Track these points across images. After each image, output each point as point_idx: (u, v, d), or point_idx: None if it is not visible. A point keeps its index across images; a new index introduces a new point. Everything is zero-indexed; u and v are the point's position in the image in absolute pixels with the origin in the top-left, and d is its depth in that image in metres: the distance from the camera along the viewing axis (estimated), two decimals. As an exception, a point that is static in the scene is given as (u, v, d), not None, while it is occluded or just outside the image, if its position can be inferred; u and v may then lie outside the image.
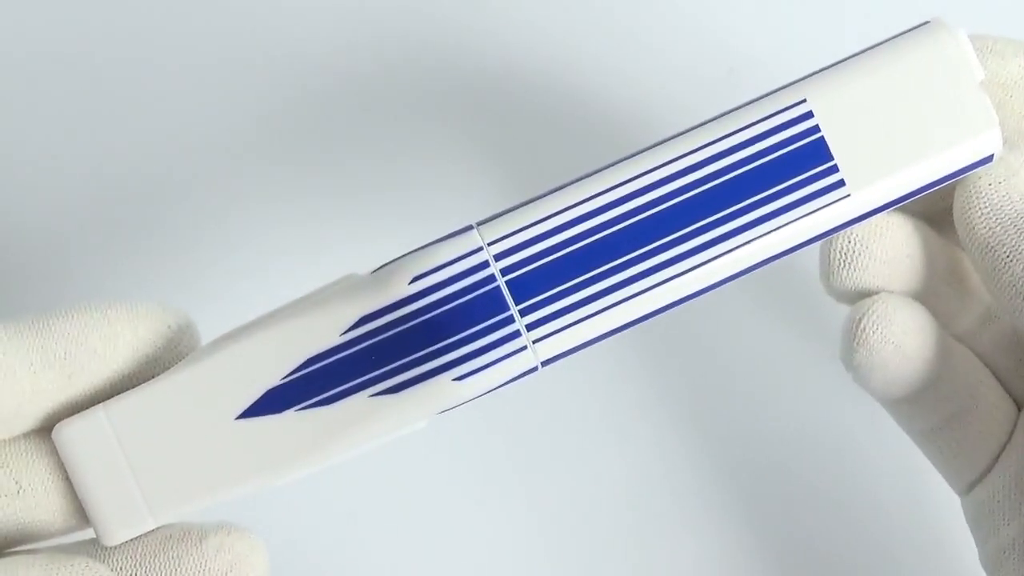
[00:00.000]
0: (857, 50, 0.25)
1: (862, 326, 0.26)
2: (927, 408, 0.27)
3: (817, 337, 0.35)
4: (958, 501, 0.29)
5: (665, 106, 0.37)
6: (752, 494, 0.35)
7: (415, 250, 0.25)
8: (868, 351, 0.26)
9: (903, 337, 0.26)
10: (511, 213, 0.25)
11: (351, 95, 0.37)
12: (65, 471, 0.25)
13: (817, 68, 0.25)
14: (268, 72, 0.38)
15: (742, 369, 0.36)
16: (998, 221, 0.25)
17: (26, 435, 0.25)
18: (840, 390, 0.34)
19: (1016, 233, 0.25)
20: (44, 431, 0.25)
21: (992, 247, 0.25)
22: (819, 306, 0.29)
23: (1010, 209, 0.25)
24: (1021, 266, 0.24)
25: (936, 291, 0.27)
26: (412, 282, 0.24)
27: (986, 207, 0.25)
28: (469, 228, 0.25)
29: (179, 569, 0.24)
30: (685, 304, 0.25)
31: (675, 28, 0.37)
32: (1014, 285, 0.25)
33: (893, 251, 0.26)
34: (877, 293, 0.26)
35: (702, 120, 0.25)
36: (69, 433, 0.25)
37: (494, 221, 0.25)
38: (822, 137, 0.25)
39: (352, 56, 0.38)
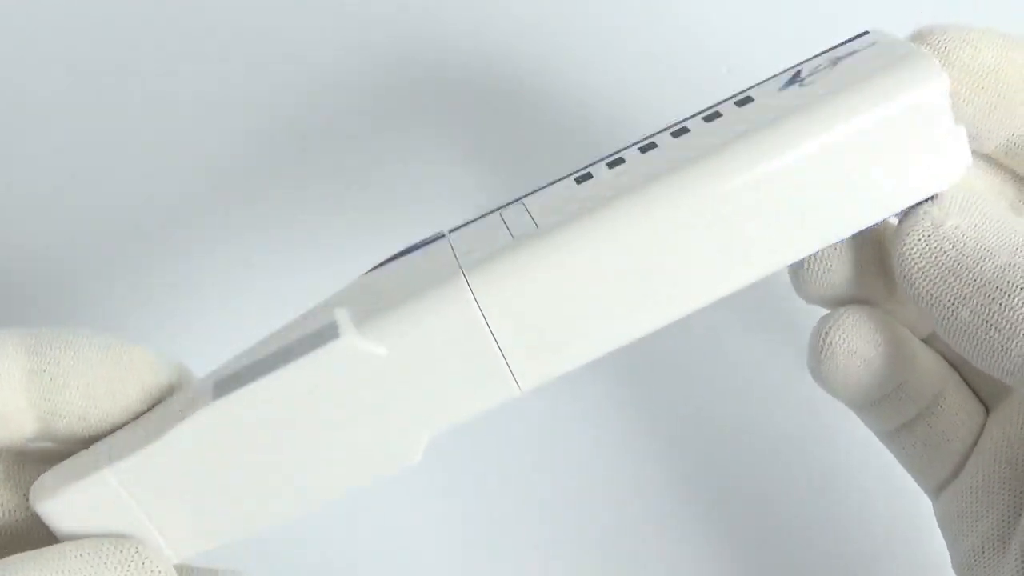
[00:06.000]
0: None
1: (828, 340, 0.26)
2: (891, 410, 0.28)
3: (797, 342, 0.35)
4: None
5: (664, 105, 0.37)
6: (737, 498, 0.35)
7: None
8: (834, 363, 0.26)
9: (868, 349, 0.26)
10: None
11: (340, 98, 0.38)
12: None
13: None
14: (263, 82, 0.38)
15: (724, 372, 0.36)
16: (936, 271, 0.25)
17: None
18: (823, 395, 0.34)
19: (955, 280, 0.25)
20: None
21: (936, 297, 0.25)
22: (797, 313, 0.29)
23: (944, 258, 0.25)
24: (967, 311, 0.24)
25: (902, 296, 0.27)
26: None
27: (921, 260, 0.25)
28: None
29: None
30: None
31: (674, 28, 0.37)
32: (964, 330, 0.25)
33: (862, 257, 0.27)
34: (845, 298, 0.27)
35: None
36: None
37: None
38: None
39: (346, 60, 0.38)
